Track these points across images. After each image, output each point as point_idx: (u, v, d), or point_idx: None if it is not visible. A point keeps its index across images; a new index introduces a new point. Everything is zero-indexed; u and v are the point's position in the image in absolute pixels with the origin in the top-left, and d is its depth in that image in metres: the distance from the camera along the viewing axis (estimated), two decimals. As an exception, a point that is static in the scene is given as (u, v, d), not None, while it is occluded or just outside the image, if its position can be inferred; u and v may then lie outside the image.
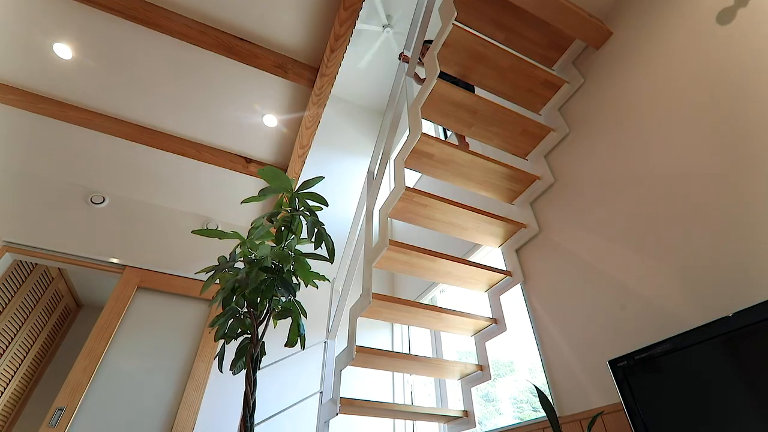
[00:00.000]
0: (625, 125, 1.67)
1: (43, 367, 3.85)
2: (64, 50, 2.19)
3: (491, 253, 2.60)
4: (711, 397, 0.94)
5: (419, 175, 3.90)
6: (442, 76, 2.36)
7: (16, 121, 2.51)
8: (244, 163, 2.83)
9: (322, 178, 1.61)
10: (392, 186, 4.27)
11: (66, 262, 2.71)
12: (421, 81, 2.71)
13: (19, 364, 3.36)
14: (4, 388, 3.22)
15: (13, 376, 3.30)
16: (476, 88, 2.94)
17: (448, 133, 3.51)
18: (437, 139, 1.82)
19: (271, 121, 2.62)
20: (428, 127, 4.08)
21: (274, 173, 1.60)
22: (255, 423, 1.70)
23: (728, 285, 1.16)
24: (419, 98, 1.96)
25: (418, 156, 1.91)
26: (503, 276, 2.01)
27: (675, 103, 1.49)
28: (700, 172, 1.33)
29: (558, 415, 1.54)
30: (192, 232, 1.49)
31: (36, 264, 3.26)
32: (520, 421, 1.74)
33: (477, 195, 2.65)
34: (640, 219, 1.48)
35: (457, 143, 2.40)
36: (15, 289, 3.04)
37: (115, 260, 2.78)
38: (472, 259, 2.62)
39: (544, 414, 1.46)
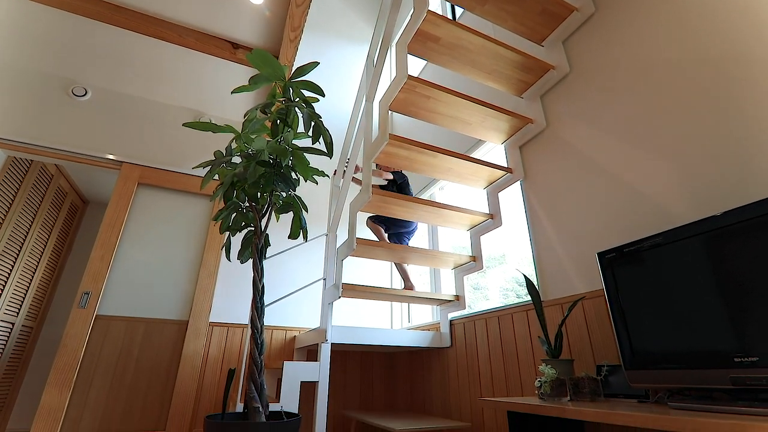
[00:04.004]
0: (657, 4, 1.46)
1: (63, 258, 4.11)
2: None
3: (492, 152, 2.54)
4: (686, 289, 1.00)
5: (422, 65, 3.60)
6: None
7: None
8: (231, 49, 2.58)
9: (317, 63, 1.47)
10: (393, 76, 3.97)
11: (61, 158, 2.66)
12: None
13: (40, 256, 3.58)
14: (32, 276, 3.48)
15: (37, 266, 3.54)
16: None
17: (457, 13, 3.13)
18: (445, 18, 1.61)
19: (257, -3, 2.31)
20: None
21: (265, 58, 1.45)
22: (265, 304, 1.88)
23: (727, 183, 1.15)
24: (426, -34, 1.68)
25: (422, 39, 1.72)
26: (503, 173, 1.99)
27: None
28: (723, 59, 1.20)
29: (542, 299, 1.69)
30: (183, 125, 1.42)
31: (32, 161, 3.22)
32: (504, 305, 1.91)
33: (482, 90, 2.48)
34: (651, 113, 1.40)
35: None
36: (17, 187, 3.07)
37: (111, 156, 2.73)
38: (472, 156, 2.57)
39: (530, 299, 1.60)
